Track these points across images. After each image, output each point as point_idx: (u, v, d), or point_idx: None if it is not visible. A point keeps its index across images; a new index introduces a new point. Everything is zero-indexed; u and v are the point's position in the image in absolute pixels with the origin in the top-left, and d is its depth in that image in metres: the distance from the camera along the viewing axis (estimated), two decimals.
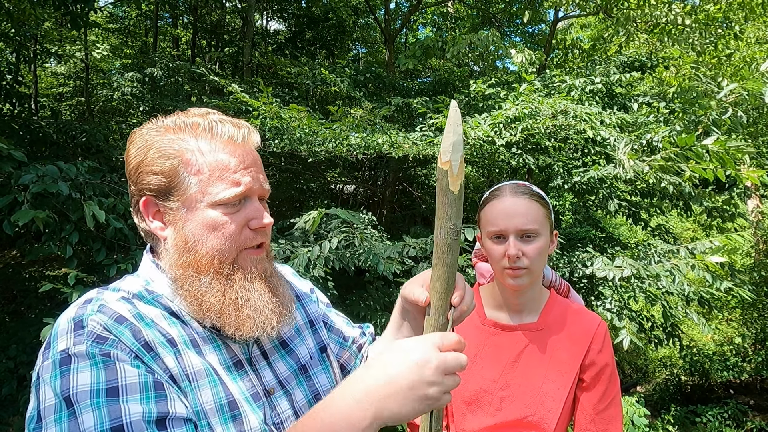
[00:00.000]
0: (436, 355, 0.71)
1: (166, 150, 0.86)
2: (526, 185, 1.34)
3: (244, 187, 0.86)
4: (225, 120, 0.90)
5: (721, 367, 7.16)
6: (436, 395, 0.70)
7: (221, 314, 0.84)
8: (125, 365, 0.74)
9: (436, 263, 0.77)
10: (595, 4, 7.53)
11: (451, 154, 0.71)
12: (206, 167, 0.85)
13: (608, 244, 5.44)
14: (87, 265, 3.75)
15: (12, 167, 2.63)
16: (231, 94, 4.63)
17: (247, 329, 0.85)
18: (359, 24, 12.24)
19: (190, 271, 0.85)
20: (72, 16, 4.18)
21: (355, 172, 9.11)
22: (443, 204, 0.73)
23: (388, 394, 0.69)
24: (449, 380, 0.71)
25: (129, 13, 11.97)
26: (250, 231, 0.88)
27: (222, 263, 0.86)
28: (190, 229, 0.85)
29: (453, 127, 0.71)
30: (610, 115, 4.33)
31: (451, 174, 0.71)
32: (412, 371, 0.70)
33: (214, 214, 0.85)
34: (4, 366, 4.12)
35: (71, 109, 11.84)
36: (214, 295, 0.84)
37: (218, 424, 0.79)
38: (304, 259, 2.68)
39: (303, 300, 1.11)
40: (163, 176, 0.85)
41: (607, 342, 1.35)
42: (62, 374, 0.71)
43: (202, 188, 0.85)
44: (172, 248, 0.87)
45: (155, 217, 0.89)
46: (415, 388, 0.69)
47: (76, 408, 0.68)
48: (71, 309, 0.81)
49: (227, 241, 0.86)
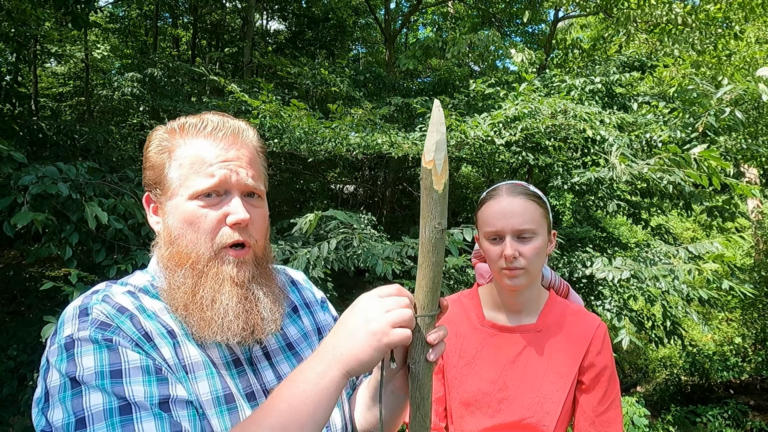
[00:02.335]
0: (368, 293, 0.79)
1: (159, 146, 0.90)
2: (523, 185, 1.33)
3: (217, 179, 0.85)
4: (214, 117, 0.91)
5: (721, 367, 7.15)
6: (379, 327, 0.75)
7: (186, 311, 0.84)
8: (127, 350, 0.75)
9: (422, 262, 0.77)
10: (595, 4, 7.53)
11: (434, 153, 0.70)
12: (186, 161, 0.87)
13: (608, 244, 5.44)
14: (87, 265, 3.75)
15: (12, 168, 2.63)
16: (231, 94, 4.64)
17: (208, 331, 0.83)
18: (359, 24, 12.23)
19: (172, 263, 0.86)
20: (72, 16, 4.18)
21: (355, 172, 9.12)
22: (428, 203, 0.73)
23: (337, 344, 0.76)
24: (392, 314, 0.76)
25: (129, 13, 11.97)
26: (227, 227, 0.86)
27: (198, 258, 0.85)
28: (172, 222, 0.87)
29: (436, 127, 0.71)
30: (609, 114, 4.33)
31: (435, 173, 0.71)
32: (351, 315, 0.78)
33: (191, 207, 0.85)
34: (4, 366, 4.12)
35: (71, 110, 11.84)
36: (184, 291, 0.85)
37: (214, 415, 0.80)
38: (304, 260, 2.68)
39: (312, 307, 1.11)
40: (154, 171, 0.90)
41: (606, 343, 1.34)
42: (68, 357, 0.73)
43: (181, 182, 0.86)
44: (161, 241, 0.89)
45: (154, 212, 0.92)
46: (360, 328, 0.75)
47: (83, 388, 0.70)
48: (79, 299, 0.83)
49: (203, 235, 0.85)
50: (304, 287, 1.13)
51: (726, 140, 4.35)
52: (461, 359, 1.37)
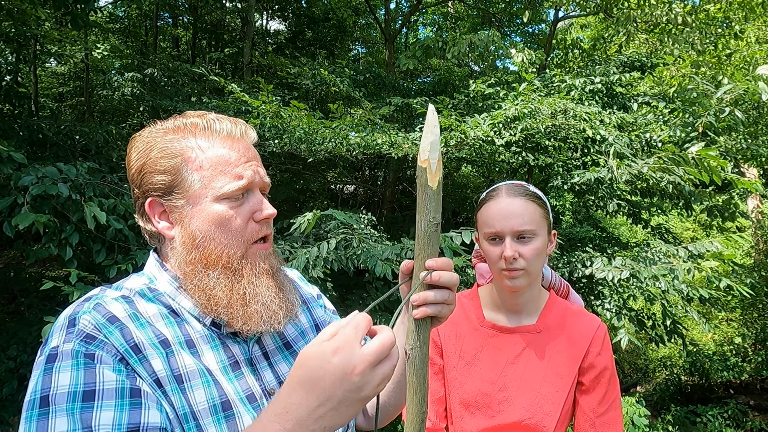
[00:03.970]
0: (357, 355, 0.67)
1: (168, 149, 0.88)
2: (523, 185, 1.33)
3: (246, 179, 0.88)
4: (222, 118, 0.93)
5: (721, 367, 7.14)
6: (371, 392, 0.68)
7: (229, 308, 0.86)
8: (105, 369, 0.74)
9: (418, 254, 0.81)
10: (595, 4, 7.53)
11: (429, 153, 0.75)
12: (207, 163, 0.87)
13: (608, 244, 5.44)
14: (87, 266, 3.75)
15: (12, 169, 2.63)
16: (231, 94, 4.64)
17: (255, 324, 0.87)
18: (359, 24, 12.23)
19: (199, 267, 0.87)
20: (72, 16, 4.17)
21: (355, 172, 9.12)
22: (423, 199, 0.77)
23: (321, 416, 0.68)
24: (381, 369, 0.68)
25: (129, 13, 11.96)
26: (255, 223, 0.90)
27: (231, 258, 0.88)
28: (197, 226, 0.87)
29: (431, 128, 0.75)
30: (609, 114, 4.33)
31: (429, 171, 0.75)
32: (339, 385, 0.66)
33: (219, 209, 0.87)
34: (4, 366, 4.12)
35: (71, 110, 11.84)
36: (222, 290, 0.86)
37: (211, 424, 0.80)
38: (303, 260, 2.68)
39: (309, 304, 1.12)
40: (167, 175, 0.87)
41: (606, 344, 1.34)
42: (45, 372, 0.73)
43: (205, 184, 0.87)
44: (180, 246, 0.88)
45: (161, 217, 0.90)
46: (348, 398, 0.67)
47: (51, 409, 0.70)
48: (72, 306, 0.83)
49: (235, 235, 0.88)
50: (299, 285, 1.14)
51: (726, 140, 4.35)
52: (461, 360, 1.37)
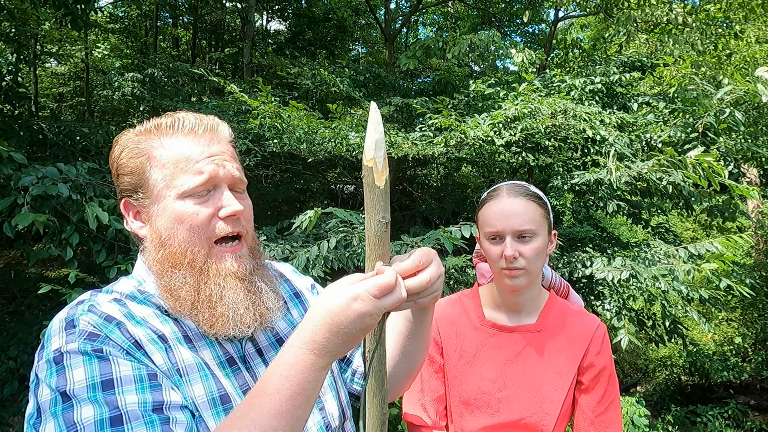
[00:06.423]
0: (359, 286, 0.71)
1: (134, 150, 0.89)
2: (524, 185, 1.34)
3: (207, 175, 0.86)
4: (189, 115, 0.92)
5: (721, 367, 7.13)
6: (373, 322, 0.72)
7: (194, 310, 0.85)
8: (118, 359, 0.75)
9: (369, 255, 0.79)
10: (595, 4, 7.54)
11: (374, 151, 0.73)
12: (170, 161, 0.86)
13: (608, 244, 5.43)
14: (87, 266, 3.75)
15: (12, 169, 2.63)
16: (231, 94, 4.64)
17: (221, 327, 0.84)
18: (359, 24, 12.24)
19: (167, 266, 0.86)
20: (72, 16, 4.17)
21: (355, 172, 9.11)
22: (371, 199, 0.75)
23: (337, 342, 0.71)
24: (386, 300, 0.72)
25: (129, 13, 11.97)
26: (221, 221, 0.87)
27: (195, 256, 0.86)
28: (161, 224, 0.86)
29: (374, 126, 0.74)
30: (609, 114, 4.34)
31: (376, 170, 0.74)
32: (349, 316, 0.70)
33: (181, 206, 0.85)
34: (5, 366, 4.13)
35: (71, 110, 11.85)
36: (188, 291, 0.85)
37: (210, 417, 0.80)
38: (303, 259, 2.68)
39: (302, 297, 1.11)
40: (133, 175, 0.88)
41: (605, 344, 1.35)
42: (57, 372, 0.72)
43: (167, 182, 0.86)
44: (150, 245, 0.89)
45: (136, 217, 0.91)
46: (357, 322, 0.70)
47: (74, 402, 0.70)
48: (63, 311, 0.83)
49: (197, 232, 0.85)
50: (291, 278, 1.13)
51: (726, 140, 4.35)
52: (461, 358, 1.37)
